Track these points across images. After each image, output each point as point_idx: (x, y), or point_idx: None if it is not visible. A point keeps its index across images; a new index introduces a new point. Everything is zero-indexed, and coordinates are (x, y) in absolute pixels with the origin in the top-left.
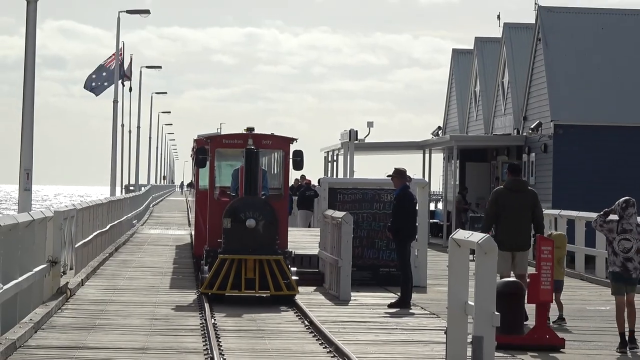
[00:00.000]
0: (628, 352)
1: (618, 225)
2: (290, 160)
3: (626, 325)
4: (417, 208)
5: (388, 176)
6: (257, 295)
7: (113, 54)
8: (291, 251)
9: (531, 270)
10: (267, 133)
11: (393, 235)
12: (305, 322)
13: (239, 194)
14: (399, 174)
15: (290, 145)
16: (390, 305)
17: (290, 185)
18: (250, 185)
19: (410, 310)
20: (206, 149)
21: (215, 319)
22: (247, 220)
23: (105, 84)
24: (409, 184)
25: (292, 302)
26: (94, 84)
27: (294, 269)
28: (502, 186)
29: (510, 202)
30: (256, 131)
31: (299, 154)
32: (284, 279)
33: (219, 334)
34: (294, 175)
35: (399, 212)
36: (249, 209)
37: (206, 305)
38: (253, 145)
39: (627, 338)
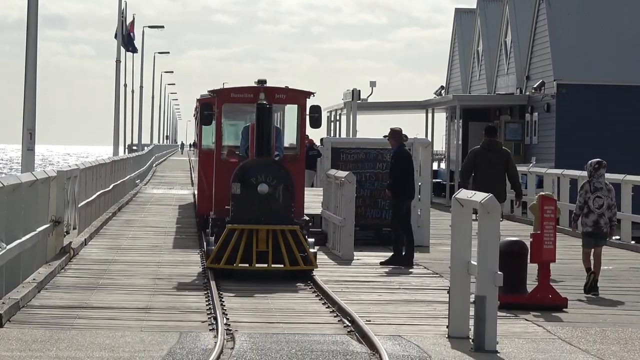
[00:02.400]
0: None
1: (590, 185)
2: (307, 117)
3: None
4: (415, 166)
5: (384, 136)
6: (269, 270)
7: (130, 23)
8: (308, 219)
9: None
10: (281, 86)
11: (392, 194)
12: (309, 281)
13: (249, 155)
14: (394, 135)
15: (307, 99)
16: (382, 264)
17: None
18: (262, 145)
19: (413, 270)
20: (212, 105)
21: (218, 279)
22: (259, 185)
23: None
24: (405, 143)
25: (309, 278)
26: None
27: (311, 240)
28: (478, 146)
29: (485, 161)
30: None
31: (317, 110)
32: (300, 251)
33: (222, 294)
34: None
35: (397, 171)
36: (261, 172)
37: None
38: (265, 99)
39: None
